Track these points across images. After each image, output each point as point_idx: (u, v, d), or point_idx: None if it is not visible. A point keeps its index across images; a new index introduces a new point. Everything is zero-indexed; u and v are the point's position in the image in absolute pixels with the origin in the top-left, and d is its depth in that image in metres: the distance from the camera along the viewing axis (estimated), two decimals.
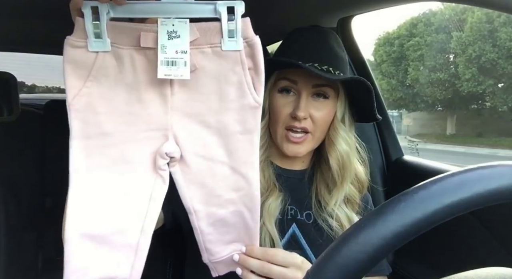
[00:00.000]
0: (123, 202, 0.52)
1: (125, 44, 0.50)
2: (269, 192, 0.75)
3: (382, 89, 13.55)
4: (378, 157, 1.20)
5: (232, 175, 0.57)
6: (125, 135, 0.52)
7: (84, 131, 0.50)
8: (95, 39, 0.49)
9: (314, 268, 0.33)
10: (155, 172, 0.54)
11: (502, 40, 12.53)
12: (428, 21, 15.03)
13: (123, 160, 0.52)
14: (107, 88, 0.51)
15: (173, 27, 0.50)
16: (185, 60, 0.50)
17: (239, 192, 0.58)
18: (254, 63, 0.54)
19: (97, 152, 0.51)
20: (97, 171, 0.51)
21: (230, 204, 0.58)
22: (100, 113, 0.51)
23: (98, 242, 0.51)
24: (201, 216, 0.57)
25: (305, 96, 0.74)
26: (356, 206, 0.80)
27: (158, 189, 0.54)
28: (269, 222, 0.73)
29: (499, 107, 13.98)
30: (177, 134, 0.54)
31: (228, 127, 0.55)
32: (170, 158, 0.54)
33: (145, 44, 0.50)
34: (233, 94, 0.54)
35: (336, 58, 0.76)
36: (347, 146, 0.78)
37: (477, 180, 0.32)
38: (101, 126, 0.51)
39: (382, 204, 0.33)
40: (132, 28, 0.50)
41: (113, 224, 0.51)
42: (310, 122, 0.74)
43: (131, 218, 0.52)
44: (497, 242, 0.84)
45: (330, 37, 0.79)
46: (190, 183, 0.56)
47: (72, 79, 0.49)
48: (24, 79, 6.80)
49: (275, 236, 0.72)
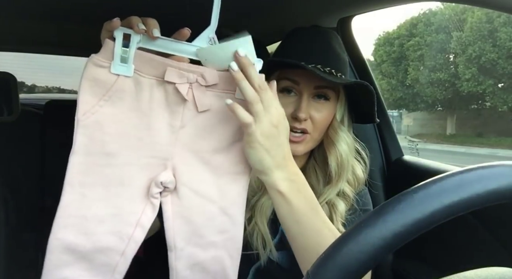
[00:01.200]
0: (110, 223, 0.52)
1: (148, 74, 0.52)
2: (262, 191, 0.75)
3: (382, 89, 13.58)
4: (378, 156, 1.20)
5: (220, 215, 0.57)
6: (126, 158, 0.53)
7: (87, 148, 0.51)
8: (120, 63, 0.50)
9: (314, 268, 0.33)
10: (147, 199, 0.54)
11: (502, 40, 12.55)
12: (428, 21, 15.04)
13: (119, 181, 0.53)
14: (120, 111, 0.52)
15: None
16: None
17: (223, 234, 0.57)
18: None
19: (96, 170, 0.51)
20: (91, 188, 0.51)
21: (213, 247, 0.57)
22: (107, 134, 0.51)
23: (79, 257, 0.51)
24: (181, 255, 0.56)
25: (306, 97, 0.74)
26: (349, 199, 0.80)
27: (147, 216, 0.54)
28: (261, 222, 0.73)
29: (499, 107, 14.00)
30: (176, 166, 0.55)
31: (226, 167, 0.57)
32: (164, 187, 0.54)
33: (169, 78, 0.52)
34: (235, 136, 0.57)
35: (338, 60, 0.77)
36: (346, 147, 0.78)
37: (477, 180, 0.32)
38: (105, 145, 0.51)
39: (382, 204, 0.33)
40: (159, 60, 0.52)
41: (97, 243, 0.52)
42: (310, 124, 0.74)
43: (115, 240, 0.53)
44: (497, 242, 0.84)
45: (332, 38, 0.79)
46: (177, 217, 0.56)
47: (87, 95, 0.50)
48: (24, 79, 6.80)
49: (267, 236, 0.72)
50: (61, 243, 0.50)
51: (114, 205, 0.53)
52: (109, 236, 0.52)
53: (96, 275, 0.52)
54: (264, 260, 0.73)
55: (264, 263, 0.73)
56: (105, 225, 0.52)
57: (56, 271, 0.50)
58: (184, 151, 0.55)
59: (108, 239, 0.52)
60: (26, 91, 6.31)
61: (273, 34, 1.17)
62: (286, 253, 0.75)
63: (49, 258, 0.50)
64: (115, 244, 0.53)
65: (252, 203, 0.74)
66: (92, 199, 0.51)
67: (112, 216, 0.52)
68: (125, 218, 0.53)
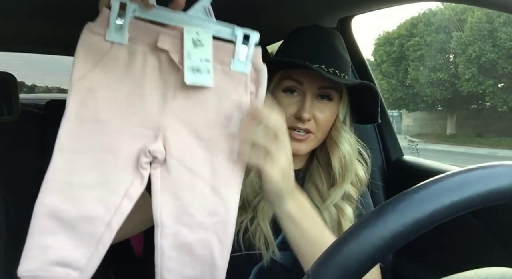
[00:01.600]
0: (97, 191, 0.51)
1: (142, 42, 0.52)
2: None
3: (382, 89, 13.57)
4: (378, 157, 1.20)
5: (211, 196, 0.55)
6: (117, 126, 0.52)
7: (79, 114, 0.50)
8: (115, 31, 0.50)
9: (314, 268, 0.33)
10: (136, 169, 0.53)
11: (502, 40, 12.55)
12: (428, 21, 15.04)
13: (109, 149, 0.52)
14: (113, 78, 0.51)
15: (197, 36, 0.52)
16: (208, 68, 0.52)
17: (214, 217, 0.55)
18: (257, 88, 0.56)
19: (87, 136, 0.51)
20: (81, 154, 0.51)
21: (201, 229, 0.55)
22: (100, 100, 0.51)
23: (64, 225, 0.50)
24: (167, 233, 0.54)
25: (310, 98, 0.73)
26: (353, 201, 0.80)
27: (135, 187, 0.53)
28: (264, 223, 0.73)
29: (499, 107, 13.99)
30: (167, 137, 0.54)
31: (219, 143, 0.55)
32: (153, 157, 0.53)
33: (162, 45, 0.51)
34: (231, 110, 0.55)
35: (341, 60, 0.77)
36: (349, 147, 0.78)
37: (477, 180, 0.32)
38: (97, 112, 0.51)
39: (382, 204, 0.33)
40: (153, 28, 0.52)
41: (83, 211, 0.51)
42: (313, 124, 0.74)
43: (101, 209, 0.51)
44: (497, 242, 0.84)
45: (335, 38, 0.79)
46: (165, 191, 0.54)
47: (81, 62, 0.50)
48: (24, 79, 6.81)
49: (269, 236, 0.72)
50: (46, 208, 0.50)
51: (102, 172, 0.51)
52: (95, 205, 0.51)
53: (79, 245, 0.51)
54: (267, 260, 0.73)
55: (267, 263, 0.73)
56: (92, 193, 0.51)
57: (40, 237, 0.49)
58: (176, 122, 0.54)
59: (94, 208, 0.51)
60: (26, 91, 6.32)
61: (273, 34, 1.17)
62: (289, 253, 0.74)
63: (34, 223, 0.49)
64: (101, 213, 0.51)
65: (254, 203, 0.74)
66: (80, 166, 0.51)
67: (99, 184, 0.51)
68: (112, 187, 0.52)
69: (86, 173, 0.51)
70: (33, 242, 0.49)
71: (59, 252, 0.50)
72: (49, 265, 0.50)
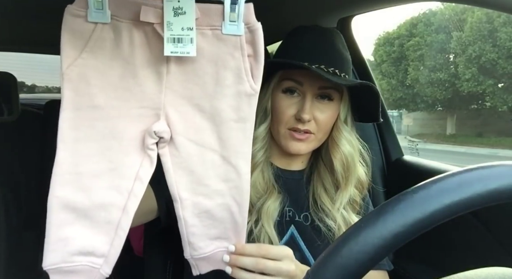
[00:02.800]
0: (108, 178, 0.51)
1: (125, 18, 0.49)
2: (268, 194, 0.75)
3: (382, 89, 13.55)
4: (378, 157, 1.20)
5: (222, 164, 0.56)
6: (116, 110, 0.51)
7: (75, 103, 0.49)
8: (95, 9, 0.48)
9: (314, 268, 0.33)
10: (143, 151, 0.53)
11: (502, 40, 12.53)
12: (428, 21, 15.02)
13: (112, 135, 0.51)
14: (103, 61, 0.49)
15: (178, 4, 0.49)
16: (192, 37, 0.50)
17: (228, 183, 0.56)
18: (254, 50, 0.54)
19: (86, 124, 0.50)
20: (84, 143, 0.50)
21: (218, 195, 0.56)
22: (93, 86, 0.49)
23: (80, 215, 0.50)
24: (187, 205, 0.56)
25: (310, 98, 0.73)
26: (357, 206, 0.80)
27: (145, 168, 0.53)
28: (268, 224, 0.72)
29: (499, 107, 13.97)
30: (169, 115, 0.53)
31: (222, 113, 0.54)
32: (159, 137, 0.53)
33: (145, 18, 0.49)
34: (230, 79, 0.53)
35: (342, 59, 0.76)
36: (351, 147, 0.77)
37: (477, 180, 0.32)
38: (93, 98, 0.50)
39: (382, 204, 0.33)
40: (134, 1, 0.49)
41: (96, 199, 0.51)
42: (313, 124, 0.74)
43: (115, 195, 0.51)
44: (497, 242, 0.84)
45: (336, 38, 0.78)
46: (178, 168, 0.54)
47: (68, 49, 0.48)
48: (24, 79, 6.79)
49: (274, 238, 0.72)
50: (60, 201, 0.49)
51: (109, 159, 0.51)
52: (107, 191, 0.51)
53: (99, 232, 0.51)
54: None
55: None
56: (102, 180, 0.51)
57: (58, 230, 0.49)
58: (175, 98, 0.53)
59: (107, 194, 0.51)
60: (26, 91, 6.31)
61: (273, 34, 1.17)
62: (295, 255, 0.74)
63: (49, 217, 0.49)
64: (115, 199, 0.51)
65: (258, 206, 0.74)
66: (86, 154, 0.50)
67: (108, 170, 0.51)
68: (122, 172, 0.52)
69: (93, 161, 0.51)
70: (52, 235, 0.49)
71: (80, 242, 0.50)
72: (71, 256, 0.50)
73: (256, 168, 0.75)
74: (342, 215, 0.77)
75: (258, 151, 0.76)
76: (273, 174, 0.79)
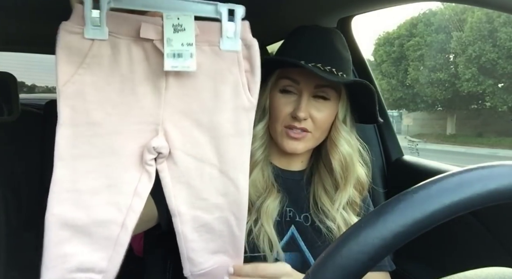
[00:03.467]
0: (106, 194, 0.51)
1: (123, 34, 0.49)
2: (267, 192, 0.75)
3: (382, 89, 13.57)
4: (378, 157, 1.20)
5: (221, 178, 0.56)
6: (114, 126, 0.51)
7: (72, 119, 0.49)
8: (92, 26, 0.47)
9: (314, 268, 0.33)
10: (141, 167, 0.53)
11: (502, 40, 12.53)
12: (428, 21, 15.02)
13: (110, 151, 0.51)
14: (100, 77, 0.49)
15: (178, 21, 0.50)
16: (191, 52, 0.50)
17: (227, 197, 0.57)
18: (250, 65, 0.55)
19: (84, 141, 0.50)
20: (82, 160, 0.50)
21: (217, 209, 0.57)
22: (90, 102, 0.49)
23: (78, 232, 0.50)
24: (186, 219, 0.56)
25: (306, 97, 0.73)
26: (357, 207, 0.79)
27: (144, 184, 0.53)
28: (267, 224, 0.72)
29: (499, 107, 13.98)
30: (168, 130, 0.53)
31: (221, 128, 0.55)
32: (158, 153, 0.53)
33: (145, 35, 0.49)
34: (228, 94, 0.54)
35: (340, 59, 0.76)
36: (349, 147, 0.77)
37: (477, 180, 0.32)
38: (90, 115, 0.49)
39: (382, 204, 0.33)
40: (133, 18, 0.49)
41: (94, 216, 0.50)
42: (310, 123, 0.74)
43: (113, 211, 0.51)
44: (497, 242, 0.84)
45: (335, 37, 0.78)
46: (176, 182, 0.55)
47: (64, 65, 0.48)
48: (24, 79, 6.81)
49: (273, 238, 0.72)
50: (57, 218, 0.49)
51: (108, 175, 0.51)
52: (106, 208, 0.51)
53: (97, 249, 0.51)
54: (272, 262, 0.72)
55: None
56: (101, 197, 0.51)
57: (56, 248, 0.49)
58: (174, 113, 0.53)
59: (106, 211, 0.51)
60: (26, 91, 6.32)
61: (273, 34, 1.17)
62: (295, 255, 0.75)
63: (47, 235, 0.49)
64: (114, 216, 0.51)
65: (257, 205, 0.74)
66: (84, 171, 0.50)
67: (107, 187, 0.51)
68: (120, 188, 0.52)
69: (91, 177, 0.50)
70: (51, 252, 0.49)
71: (79, 259, 0.50)
72: (70, 272, 0.50)
73: (255, 167, 0.75)
74: (343, 216, 0.76)
75: (257, 149, 0.76)
76: (272, 173, 0.79)
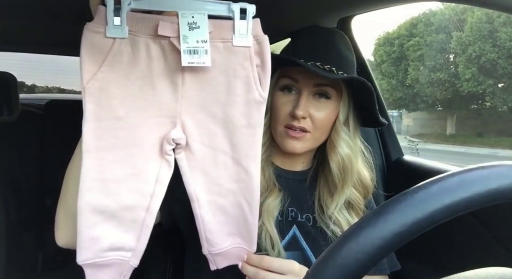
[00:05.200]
0: (131, 182, 0.56)
1: (142, 33, 0.53)
2: (268, 191, 0.75)
3: (382, 89, 13.55)
4: (378, 157, 1.20)
5: (234, 166, 0.60)
6: (136, 120, 0.55)
7: (97, 114, 0.53)
8: (114, 25, 0.51)
9: (314, 268, 0.33)
10: (161, 157, 0.57)
11: (502, 40, 12.53)
12: (428, 21, 15.03)
13: (133, 143, 0.55)
14: (122, 74, 0.53)
15: (192, 19, 0.53)
16: (206, 49, 0.54)
17: (240, 183, 0.61)
18: (261, 60, 0.58)
19: (109, 134, 0.54)
20: (108, 152, 0.54)
21: (231, 194, 0.61)
22: (114, 98, 0.53)
23: (107, 216, 0.55)
24: (203, 203, 0.60)
25: (306, 95, 0.73)
26: (360, 212, 0.79)
27: (164, 172, 0.57)
28: (268, 222, 0.72)
29: (499, 107, 13.99)
30: (185, 123, 0.57)
31: (234, 120, 0.58)
32: (176, 144, 0.57)
33: (162, 32, 0.53)
34: (240, 88, 0.58)
35: (341, 58, 0.75)
36: (348, 149, 0.76)
37: (477, 180, 0.32)
38: (114, 110, 0.53)
39: (382, 204, 0.33)
40: (151, 18, 0.53)
41: (122, 202, 0.55)
42: (309, 122, 0.73)
43: (138, 198, 0.56)
44: (497, 242, 0.84)
45: (336, 37, 0.78)
46: (194, 170, 0.59)
47: (88, 64, 0.51)
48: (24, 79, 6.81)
49: (274, 236, 0.71)
50: (88, 205, 0.53)
51: (132, 165, 0.55)
52: (131, 195, 0.56)
53: (126, 230, 0.56)
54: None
55: None
56: (126, 185, 0.55)
57: (88, 231, 0.54)
58: (190, 106, 0.57)
59: (132, 198, 0.56)
60: (26, 91, 6.32)
61: (273, 34, 1.17)
62: (297, 253, 0.74)
63: (80, 220, 0.53)
64: (139, 202, 0.56)
65: None
66: (110, 162, 0.54)
67: (131, 175, 0.56)
68: (144, 176, 0.56)
69: (117, 167, 0.55)
70: (84, 235, 0.54)
71: (110, 240, 0.56)
72: (103, 251, 0.56)
73: None
74: (347, 219, 0.76)
75: None
76: (274, 173, 0.79)
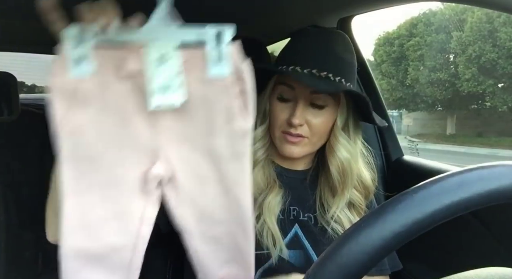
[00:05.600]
0: (115, 223, 0.53)
1: (109, 69, 0.49)
2: (268, 189, 0.75)
3: (382, 89, 13.54)
4: (378, 157, 1.20)
5: (223, 196, 0.57)
6: (114, 158, 0.52)
7: (73, 155, 0.50)
8: (76, 65, 0.47)
9: (314, 268, 0.33)
10: (145, 194, 0.54)
11: (502, 40, 12.53)
12: (428, 21, 15.02)
13: (113, 182, 0.52)
14: (93, 114, 0.50)
15: (160, 53, 0.49)
16: (179, 83, 0.50)
17: (231, 213, 0.57)
18: (242, 88, 0.53)
19: (87, 175, 0.51)
20: (88, 193, 0.51)
21: (223, 224, 0.58)
22: (88, 138, 0.50)
23: (92, 260, 0.53)
24: (194, 234, 0.58)
25: (302, 103, 0.72)
26: (362, 211, 0.79)
27: (149, 210, 0.55)
28: (270, 220, 0.72)
29: (499, 107, 13.98)
30: (168, 155, 0.54)
31: (218, 151, 0.55)
32: (160, 179, 0.54)
33: (132, 67, 0.49)
34: (221, 119, 0.54)
35: (339, 62, 0.74)
36: (347, 153, 0.76)
37: (477, 180, 0.32)
38: (90, 150, 0.50)
39: (382, 204, 0.33)
40: (118, 52, 0.49)
41: (106, 244, 0.53)
42: (306, 129, 0.73)
43: (123, 238, 0.54)
44: (497, 242, 0.84)
45: (336, 39, 0.77)
46: (182, 203, 0.56)
47: (57, 105, 0.48)
48: (24, 79, 6.81)
49: (276, 234, 0.71)
50: (71, 249, 0.51)
51: (114, 205, 0.53)
52: (116, 236, 0.53)
53: (113, 273, 0.54)
54: (275, 259, 0.72)
55: (275, 261, 0.72)
56: (110, 226, 0.53)
57: (74, 276, 0.52)
58: (171, 139, 0.53)
59: (116, 239, 0.53)
60: (26, 91, 6.32)
61: (273, 34, 1.17)
62: (299, 252, 0.74)
63: (64, 266, 0.51)
64: (124, 242, 0.54)
65: (259, 201, 0.74)
66: (91, 203, 0.51)
67: (115, 216, 0.53)
68: (128, 216, 0.54)
69: (99, 208, 0.52)
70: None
71: None
72: None
73: (256, 165, 0.76)
74: (349, 218, 0.76)
75: (258, 149, 0.76)
76: (274, 170, 0.79)
